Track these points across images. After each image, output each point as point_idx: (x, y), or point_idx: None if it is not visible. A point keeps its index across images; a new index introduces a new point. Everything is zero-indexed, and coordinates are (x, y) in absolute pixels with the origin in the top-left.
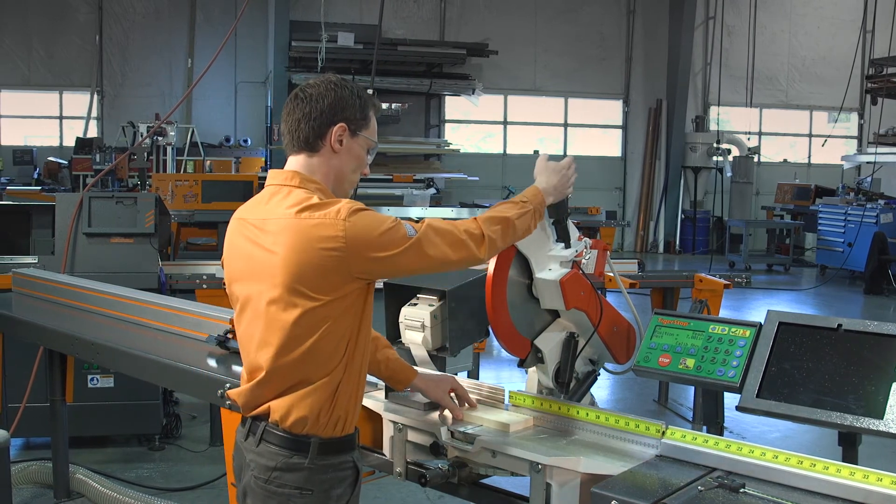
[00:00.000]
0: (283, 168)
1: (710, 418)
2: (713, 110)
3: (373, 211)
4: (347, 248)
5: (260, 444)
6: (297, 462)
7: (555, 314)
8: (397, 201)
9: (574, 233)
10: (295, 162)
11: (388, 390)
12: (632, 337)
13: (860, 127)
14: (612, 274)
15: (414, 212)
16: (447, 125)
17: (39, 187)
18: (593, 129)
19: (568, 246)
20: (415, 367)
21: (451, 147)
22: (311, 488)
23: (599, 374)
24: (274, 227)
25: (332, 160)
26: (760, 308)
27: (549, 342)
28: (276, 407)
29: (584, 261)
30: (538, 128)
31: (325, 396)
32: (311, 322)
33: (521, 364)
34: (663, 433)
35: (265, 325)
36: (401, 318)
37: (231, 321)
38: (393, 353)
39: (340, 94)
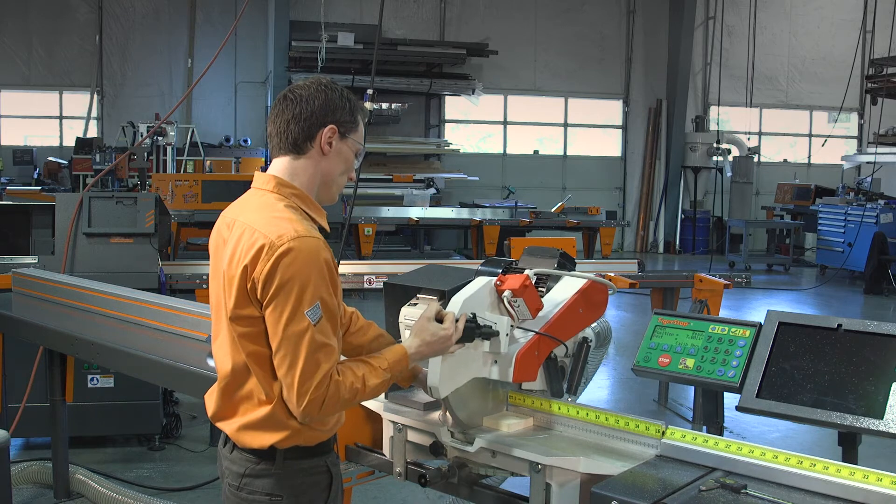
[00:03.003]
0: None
1: (710, 418)
2: (713, 110)
3: (320, 260)
4: (258, 270)
5: (233, 451)
6: (264, 468)
7: None
8: (397, 201)
9: (489, 317)
10: (279, 164)
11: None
12: (593, 292)
13: (860, 127)
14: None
15: (414, 212)
16: (447, 125)
17: (39, 187)
18: (593, 129)
19: (496, 334)
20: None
21: (451, 147)
22: (281, 494)
23: (592, 340)
24: (235, 228)
25: (320, 163)
26: (760, 308)
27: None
28: (232, 435)
29: (517, 318)
30: (538, 128)
31: (271, 429)
32: (239, 332)
33: None
34: (663, 433)
35: (221, 328)
36: (401, 318)
37: None
38: None
39: (331, 96)
